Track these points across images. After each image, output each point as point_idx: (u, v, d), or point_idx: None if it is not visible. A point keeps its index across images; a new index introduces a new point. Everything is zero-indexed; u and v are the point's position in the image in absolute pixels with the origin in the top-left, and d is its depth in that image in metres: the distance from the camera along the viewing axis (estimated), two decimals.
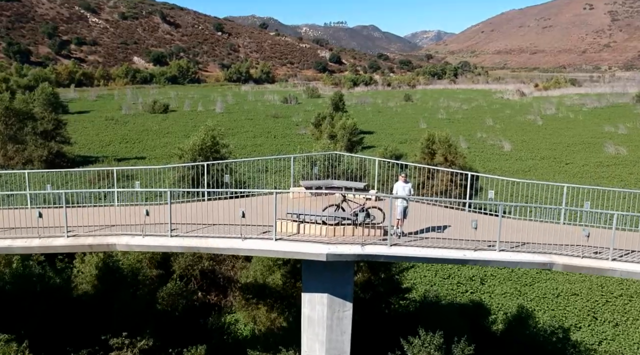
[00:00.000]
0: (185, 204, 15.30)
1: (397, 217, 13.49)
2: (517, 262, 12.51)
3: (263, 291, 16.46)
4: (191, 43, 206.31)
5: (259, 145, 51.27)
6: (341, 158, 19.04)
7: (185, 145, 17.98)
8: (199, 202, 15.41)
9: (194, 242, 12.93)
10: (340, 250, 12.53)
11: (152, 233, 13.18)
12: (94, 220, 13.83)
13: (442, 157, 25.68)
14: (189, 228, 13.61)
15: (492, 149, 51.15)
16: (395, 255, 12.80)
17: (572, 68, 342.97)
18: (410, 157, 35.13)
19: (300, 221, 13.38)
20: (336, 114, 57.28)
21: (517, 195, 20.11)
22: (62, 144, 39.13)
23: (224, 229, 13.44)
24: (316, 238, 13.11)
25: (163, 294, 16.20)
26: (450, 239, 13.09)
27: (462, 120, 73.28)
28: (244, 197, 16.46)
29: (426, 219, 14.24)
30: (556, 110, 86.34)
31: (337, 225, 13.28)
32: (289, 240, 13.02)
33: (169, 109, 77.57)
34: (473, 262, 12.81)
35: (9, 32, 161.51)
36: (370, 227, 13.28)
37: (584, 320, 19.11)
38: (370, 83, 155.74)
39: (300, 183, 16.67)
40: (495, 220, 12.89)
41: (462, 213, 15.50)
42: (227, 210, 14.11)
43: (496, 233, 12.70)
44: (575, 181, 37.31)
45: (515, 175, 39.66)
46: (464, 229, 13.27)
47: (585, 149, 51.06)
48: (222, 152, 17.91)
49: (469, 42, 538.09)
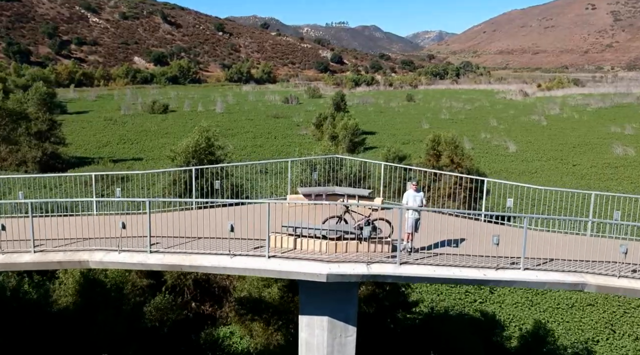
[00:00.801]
0: (170, 213, 13.90)
1: (406, 231, 12.09)
2: (544, 282, 11.11)
3: (259, 306, 15.39)
4: (192, 43, 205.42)
5: (259, 146, 50.30)
6: (343, 162, 17.66)
7: (179, 147, 16.94)
8: (185, 211, 14.02)
9: (176, 259, 11.54)
10: (342, 269, 11.17)
11: (130, 248, 11.81)
12: (65, 232, 12.31)
13: (448, 158, 24.67)
14: (171, 242, 12.22)
15: (496, 149, 50.13)
16: (405, 275, 11.39)
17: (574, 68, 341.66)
18: (414, 158, 34.11)
19: (297, 235, 11.98)
20: (338, 114, 56.32)
21: (525, 198, 19.09)
22: (57, 145, 38.18)
23: (211, 243, 12.08)
24: (315, 255, 11.74)
25: (151, 308, 15.16)
26: (468, 256, 11.69)
27: (465, 121, 72.25)
28: (236, 206, 15.27)
29: (438, 230, 12.80)
30: (560, 110, 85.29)
31: (339, 240, 11.91)
32: (284, 257, 11.63)
33: (168, 109, 76.68)
34: (494, 283, 11.43)
35: (9, 32, 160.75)
36: (376, 242, 11.91)
37: (601, 333, 18.06)
38: (372, 83, 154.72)
39: (298, 190, 15.40)
40: (515, 231, 11.55)
41: (478, 223, 14.06)
42: (217, 220, 12.70)
43: (517, 247, 11.30)
44: (583, 183, 36.29)
45: (522, 177, 38.65)
46: (482, 242, 11.81)
47: (592, 150, 50.01)
48: (217, 154, 16.87)
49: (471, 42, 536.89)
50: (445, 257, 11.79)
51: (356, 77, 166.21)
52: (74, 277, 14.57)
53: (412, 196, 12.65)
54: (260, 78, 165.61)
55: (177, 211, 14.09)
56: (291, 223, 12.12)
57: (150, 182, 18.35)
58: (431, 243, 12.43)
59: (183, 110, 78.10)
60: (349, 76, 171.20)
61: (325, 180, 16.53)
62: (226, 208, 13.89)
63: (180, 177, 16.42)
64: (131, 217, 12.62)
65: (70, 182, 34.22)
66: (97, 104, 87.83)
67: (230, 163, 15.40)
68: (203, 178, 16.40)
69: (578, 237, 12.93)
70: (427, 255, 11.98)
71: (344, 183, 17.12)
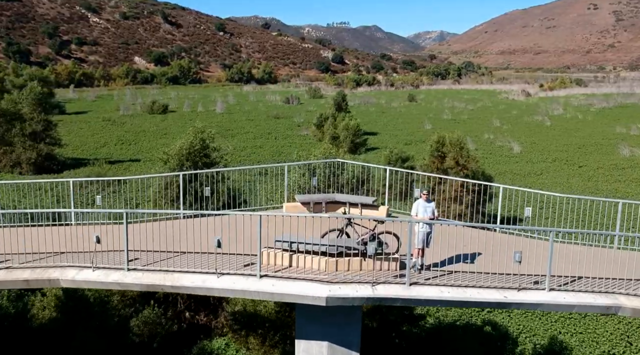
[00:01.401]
0: (154, 223, 12.62)
1: (416, 246, 10.85)
2: (572, 305, 9.91)
3: (254, 320, 14.54)
4: (193, 43, 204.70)
5: (259, 146, 49.48)
6: (344, 166, 16.56)
7: (171, 149, 16.10)
8: (171, 221, 12.79)
9: (156, 278, 10.36)
10: (344, 291, 9.93)
11: (105, 264, 10.64)
12: (35, 245, 11.03)
13: (453, 160, 23.82)
14: (152, 257, 10.97)
15: (500, 150, 49.26)
16: (415, 297, 10.10)
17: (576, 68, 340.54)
18: (417, 160, 33.29)
19: (292, 251, 10.69)
20: (339, 115, 55.47)
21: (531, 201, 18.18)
22: (52, 145, 37.40)
23: (196, 259, 10.84)
24: (313, 274, 10.48)
25: (138, 322, 14.31)
26: (486, 274, 10.46)
27: (468, 121, 71.39)
28: (227, 215, 14.16)
29: (450, 243, 11.33)
30: (563, 110, 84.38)
31: (340, 256, 10.64)
32: (278, 277, 10.37)
33: (168, 109, 75.89)
34: (517, 305, 10.14)
35: (9, 32, 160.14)
36: (382, 259, 10.62)
37: (617, 345, 17.15)
38: (373, 83, 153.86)
39: (295, 197, 14.25)
40: (534, 244, 10.33)
41: (492, 234, 12.87)
42: (204, 232, 11.29)
43: (538, 261, 10.07)
44: (590, 185, 35.43)
45: (527, 179, 37.81)
46: (497, 256, 10.74)
47: (598, 151, 49.12)
48: (213, 157, 16.03)
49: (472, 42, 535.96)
50: (460, 275, 10.53)
51: (357, 77, 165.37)
52: (55, 289, 13.72)
53: (422, 207, 11.35)
54: (261, 78, 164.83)
55: (163, 221, 12.79)
56: (286, 237, 10.87)
57: (146, 185, 17.55)
58: (443, 258, 11.15)
59: (183, 111, 77.30)
60: (350, 76, 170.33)
61: (325, 185, 15.52)
62: (216, 217, 12.63)
63: (174, 181, 15.59)
64: (112, 228, 11.40)
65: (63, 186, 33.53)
66: (96, 104, 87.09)
67: (223, 168, 14.49)
68: (197, 181, 15.56)
69: (605, 251, 11.68)
70: (440, 273, 10.73)
71: (346, 189, 16.13)
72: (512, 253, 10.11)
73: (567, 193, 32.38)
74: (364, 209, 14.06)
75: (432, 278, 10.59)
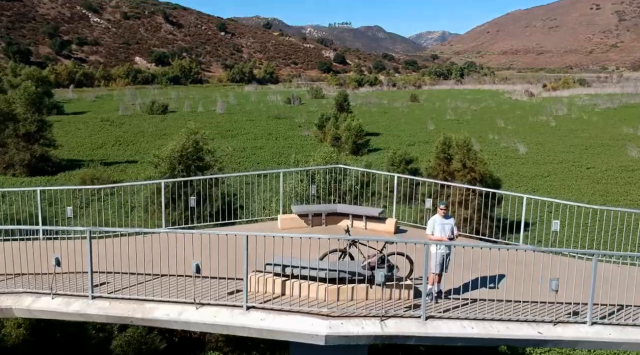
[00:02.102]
0: (128, 237, 10.75)
1: (432, 271, 9.30)
2: (620, 342, 8.30)
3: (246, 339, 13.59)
4: (194, 43, 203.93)
5: (260, 147, 48.54)
6: (347, 171, 15.05)
7: (163, 151, 15.12)
8: (148, 236, 10.76)
9: (125, 308, 8.87)
10: (347, 328, 8.33)
11: (67, 291, 9.13)
12: None
13: (459, 163, 22.85)
14: (122, 282, 9.42)
15: (505, 151, 48.25)
16: (433, 335, 8.47)
17: (578, 68, 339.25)
18: (422, 162, 32.33)
19: (286, 276, 9.12)
20: (341, 115, 54.52)
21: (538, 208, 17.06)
22: (46, 147, 36.48)
23: (172, 284, 9.19)
24: (310, 305, 8.82)
25: (121, 342, 13.32)
26: (516, 304, 8.81)
27: (471, 122, 70.40)
28: (214, 227, 12.72)
29: (468, 262, 9.65)
30: (568, 110, 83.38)
31: (343, 283, 9.01)
32: (268, 309, 8.74)
33: (167, 109, 75.03)
34: (553, 343, 8.75)
35: (10, 32, 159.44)
36: (393, 286, 9.02)
37: None
38: (375, 83, 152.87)
39: (292, 208, 12.84)
40: (566, 262, 8.67)
41: (517, 252, 11.05)
42: (185, 249, 9.39)
43: (571, 283, 8.51)
44: (600, 188, 34.42)
45: (534, 181, 36.83)
46: (528, 280, 8.97)
47: (605, 152, 48.08)
48: (207, 160, 15.07)
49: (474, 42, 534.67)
50: (486, 305, 8.84)
51: (359, 77, 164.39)
52: None
53: (440, 224, 9.57)
54: (263, 78, 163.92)
55: (141, 235, 10.89)
56: (278, 259, 9.17)
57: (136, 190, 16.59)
58: (461, 283, 9.53)
59: (183, 111, 76.43)
60: (352, 76, 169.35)
61: (326, 192, 14.38)
62: (199, 231, 10.57)
63: (166, 184, 14.62)
64: (82, 244, 9.51)
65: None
66: (95, 104, 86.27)
67: (211, 175, 13.45)
68: (190, 187, 14.59)
69: (638, 270, 9.96)
70: (460, 302, 9.05)
71: (348, 196, 14.97)
72: (540, 271, 8.63)
73: (577, 196, 31.47)
74: (369, 222, 12.72)
75: (452, 309, 8.99)
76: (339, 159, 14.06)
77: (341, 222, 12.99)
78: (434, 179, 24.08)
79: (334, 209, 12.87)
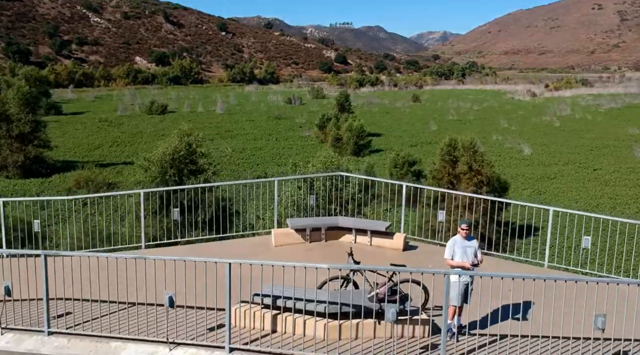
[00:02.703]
0: (98, 257, 9.03)
1: (453, 303, 7.71)
2: None
3: None
4: (194, 43, 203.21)
5: (259, 148, 47.73)
6: (349, 178, 13.34)
7: (154, 154, 14.25)
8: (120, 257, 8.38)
9: (87, 348, 7.46)
10: None
11: (19, 325, 7.72)
12: None
13: (465, 165, 22.00)
14: (83, 314, 7.98)
15: (510, 152, 47.39)
16: None
17: (580, 68, 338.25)
18: (425, 163, 31.48)
19: (277, 309, 7.65)
20: (342, 115, 53.71)
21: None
22: (41, 148, 35.68)
23: (142, 316, 7.79)
24: (306, 345, 7.36)
25: None
26: (553, 341, 7.35)
27: (474, 122, 69.54)
28: (201, 242, 11.33)
29: (488, 286, 8.04)
30: (571, 111, 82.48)
31: (346, 318, 7.50)
32: (254, 351, 7.25)
33: (167, 109, 74.26)
34: None
35: (9, 32, 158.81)
36: (407, 322, 7.50)
37: None
38: (377, 83, 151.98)
39: (287, 222, 11.56)
40: (605, 289, 6.96)
41: (544, 271, 9.72)
42: (165, 272, 7.71)
43: (610, 313, 6.85)
44: (608, 190, 33.55)
45: (541, 183, 35.97)
46: (560, 308, 7.16)
47: (612, 153, 47.20)
48: (200, 163, 14.22)
49: (476, 42, 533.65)
50: (517, 343, 7.31)
51: (360, 77, 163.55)
52: None
53: (461, 247, 8.05)
54: (264, 78, 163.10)
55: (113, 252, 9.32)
56: (268, 288, 7.64)
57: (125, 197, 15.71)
58: (484, 313, 7.87)
59: (182, 111, 75.65)
60: (353, 76, 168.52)
61: (326, 201, 13.08)
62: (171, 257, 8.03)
63: (156, 191, 13.78)
64: (53, 263, 7.85)
65: (51, 189, 31.80)
66: (95, 104, 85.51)
67: (198, 184, 12.54)
68: (182, 193, 13.73)
69: None
70: (487, 339, 7.40)
71: (350, 205, 13.54)
72: (584, 301, 6.90)
73: (586, 199, 30.65)
74: (375, 237, 11.39)
75: (477, 349, 7.36)
76: (340, 163, 12.93)
77: (343, 237, 11.75)
78: (438, 181, 23.25)
79: (335, 222, 11.58)
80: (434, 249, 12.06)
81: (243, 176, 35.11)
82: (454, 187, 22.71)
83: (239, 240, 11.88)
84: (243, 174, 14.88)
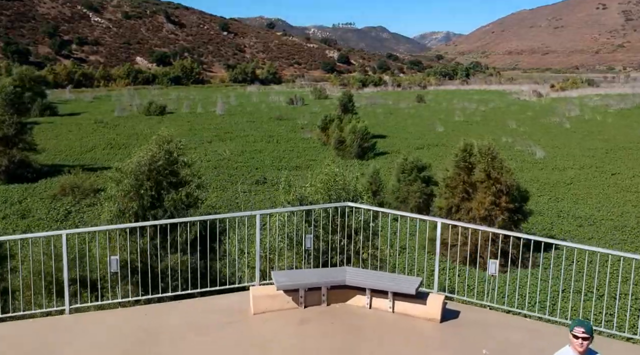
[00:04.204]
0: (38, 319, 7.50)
1: None
2: None
3: None
4: (196, 43, 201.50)
5: (259, 151, 45.67)
6: (357, 207, 9.54)
7: (127, 164, 12.26)
8: (67, 317, 7.07)
9: None
10: None
11: None
12: None
13: (483, 172, 19.96)
14: None
15: (521, 155, 45.22)
16: None
17: (585, 68, 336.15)
18: (435, 168, 29.39)
19: None
20: (345, 116, 51.62)
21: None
22: (27, 151, 33.73)
23: None
24: None
25: None
26: None
27: (481, 123, 67.40)
28: (178, 299, 8.83)
29: None
30: (580, 111, 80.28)
31: None
32: None
33: (165, 110, 72.29)
34: None
35: (9, 32, 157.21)
36: None
37: None
38: (380, 84, 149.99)
39: (272, 277, 8.45)
40: None
41: None
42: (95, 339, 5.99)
43: None
44: (632, 197, 31.39)
45: (557, 189, 33.84)
46: None
47: (628, 156, 45.01)
48: (182, 175, 12.19)
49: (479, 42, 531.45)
50: None
51: (363, 77, 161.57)
52: None
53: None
54: (266, 78, 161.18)
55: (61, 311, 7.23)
56: None
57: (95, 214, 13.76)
58: None
59: (181, 112, 73.68)
60: (356, 77, 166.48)
61: (328, 231, 9.34)
62: (124, 313, 6.31)
63: (130, 207, 11.78)
64: None
65: (35, 196, 29.79)
66: (93, 105, 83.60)
67: (163, 221, 10.29)
68: (161, 208, 11.71)
69: None
70: None
71: (360, 235, 9.61)
72: None
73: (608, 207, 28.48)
74: (399, 301, 8.10)
75: None
76: (345, 182, 10.20)
77: (353, 298, 8.40)
78: (452, 190, 21.23)
79: (341, 279, 8.29)
80: (488, 316, 8.63)
81: (241, 180, 33.10)
82: (469, 197, 20.66)
83: (209, 302, 8.75)
84: (213, 210, 12.49)
